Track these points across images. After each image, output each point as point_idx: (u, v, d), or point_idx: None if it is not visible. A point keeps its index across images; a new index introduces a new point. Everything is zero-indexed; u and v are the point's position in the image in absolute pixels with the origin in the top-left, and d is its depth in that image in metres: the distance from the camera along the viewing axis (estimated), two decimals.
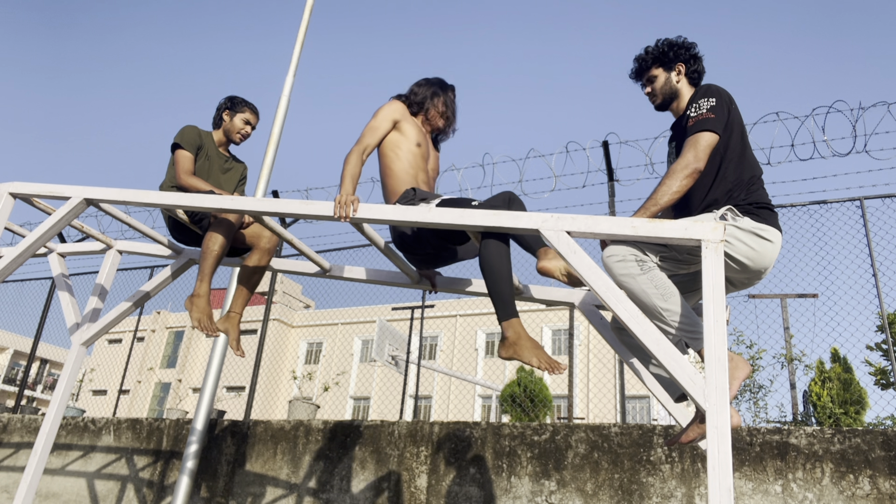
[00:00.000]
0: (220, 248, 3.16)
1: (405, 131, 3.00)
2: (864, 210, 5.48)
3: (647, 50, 2.77)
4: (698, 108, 2.47)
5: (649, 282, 2.28)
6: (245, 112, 3.60)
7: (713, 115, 2.42)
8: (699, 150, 2.38)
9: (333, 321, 30.70)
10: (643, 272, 2.28)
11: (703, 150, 2.38)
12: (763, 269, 2.37)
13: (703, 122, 2.42)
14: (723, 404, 1.92)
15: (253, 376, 6.66)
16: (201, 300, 3.16)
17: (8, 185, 3.34)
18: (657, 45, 2.76)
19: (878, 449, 3.80)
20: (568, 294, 3.20)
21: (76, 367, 3.79)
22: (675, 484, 4.07)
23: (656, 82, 2.74)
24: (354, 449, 5.01)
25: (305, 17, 5.73)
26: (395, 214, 2.59)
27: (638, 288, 2.27)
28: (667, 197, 2.34)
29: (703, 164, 2.38)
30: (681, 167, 2.37)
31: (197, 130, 3.51)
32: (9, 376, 33.37)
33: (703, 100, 2.49)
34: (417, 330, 19.54)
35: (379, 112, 3.01)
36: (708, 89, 2.53)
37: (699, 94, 2.53)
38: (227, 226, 3.21)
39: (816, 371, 6.94)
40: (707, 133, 2.40)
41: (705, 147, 2.39)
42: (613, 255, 2.32)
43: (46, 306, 8.74)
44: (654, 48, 2.76)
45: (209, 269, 3.15)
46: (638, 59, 2.80)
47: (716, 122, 2.41)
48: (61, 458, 6.21)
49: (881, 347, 8.69)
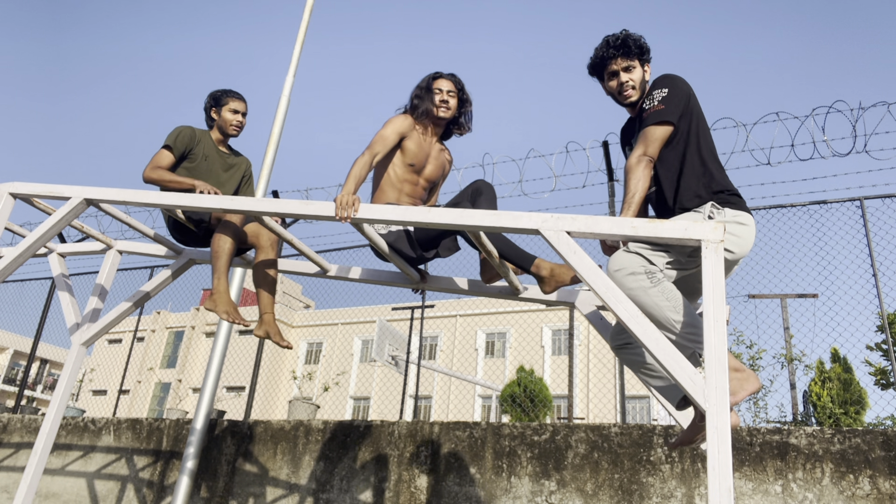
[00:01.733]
0: (229, 246, 3.20)
1: (405, 149, 3.09)
2: (864, 210, 5.48)
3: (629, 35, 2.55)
4: (651, 101, 2.45)
5: (661, 294, 2.25)
6: (230, 101, 3.53)
7: (663, 106, 2.40)
8: (649, 141, 2.39)
9: (333, 321, 30.69)
10: (653, 285, 2.26)
11: (655, 141, 2.39)
12: (743, 255, 2.39)
13: (654, 114, 2.41)
14: (723, 404, 1.92)
15: (253, 376, 6.66)
16: (222, 296, 3.19)
17: (8, 185, 3.34)
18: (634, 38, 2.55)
19: (878, 449, 3.80)
20: (568, 294, 3.20)
21: (76, 367, 3.79)
22: (675, 484, 4.07)
23: (635, 72, 2.55)
24: (354, 449, 5.01)
25: (305, 17, 5.73)
26: (395, 215, 2.60)
27: (651, 302, 2.24)
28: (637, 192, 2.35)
29: (654, 152, 2.39)
30: (634, 161, 2.39)
31: (191, 131, 3.45)
32: (9, 376, 33.37)
33: (656, 91, 2.46)
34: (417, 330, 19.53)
35: (388, 123, 3.08)
36: (662, 79, 2.49)
37: (653, 86, 2.49)
38: (232, 227, 3.23)
39: (816, 371, 6.94)
40: (659, 127, 2.40)
41: (657, 139, 2.39)
42: (623, 269, 2.28)
43: (46, 306, 8.74)
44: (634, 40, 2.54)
45: (223, 266, 3.18)
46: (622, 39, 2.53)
47: (667, 112, 2.40)
48: (61, 458, 6.21)
49: (881, 347, 8.69)
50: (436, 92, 3.12)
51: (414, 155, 3.09)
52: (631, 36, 2.54)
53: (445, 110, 3.13)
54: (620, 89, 2.56)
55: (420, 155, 3.10)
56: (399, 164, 3.09)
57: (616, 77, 2.56)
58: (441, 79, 3.16)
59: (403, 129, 3.09)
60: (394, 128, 3.08)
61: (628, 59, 2.53)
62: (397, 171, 3.09)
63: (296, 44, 5.60)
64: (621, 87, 2.55)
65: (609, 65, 2.56)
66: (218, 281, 3.17)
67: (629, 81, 2.53)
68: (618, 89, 2.57)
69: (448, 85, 3.15)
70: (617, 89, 2.57)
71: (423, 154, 3.11)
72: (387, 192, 3.07)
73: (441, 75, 3.18)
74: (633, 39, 2.53)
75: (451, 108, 3.14)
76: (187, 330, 32.19)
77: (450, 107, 3.14)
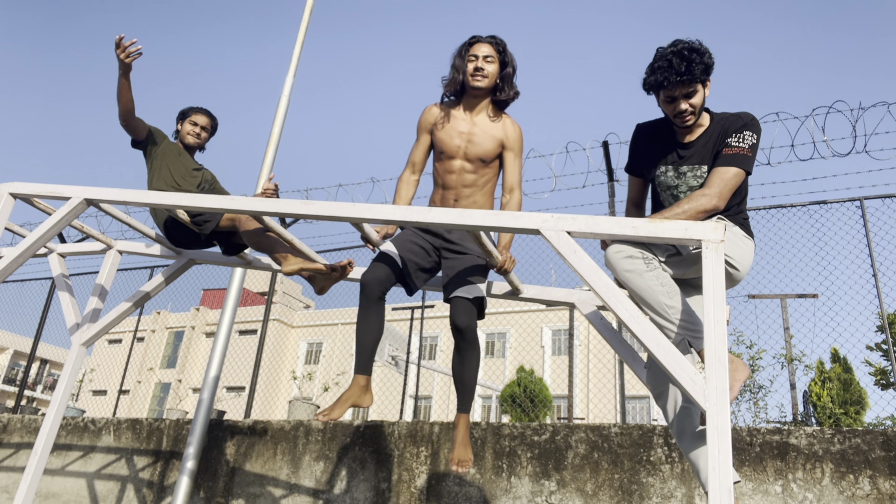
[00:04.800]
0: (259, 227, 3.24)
1: (435, 139, 2.94)
2: (864, 210, 5.49)
3: (692, 57, 2.25)
4: (742, 140, 2.27)
5: (655, 279, 2.25)
6: (192, 115, 3.71)
7: (751, 155, 2.27)
8: (725, 187, 2.25)
9: (333, 321, 30.68)
10: (649, 269, 2.27)
11: (729, 188, 2.26)
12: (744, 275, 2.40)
13: (742, 158, 2.26)
14: (723, 404, 1.92)
15: (253, 376, 6.66)
16: (290, 257, 3.16)
17: (8, 185, 3.34)
18: (700, 53, 2.27)
19: (878, 449, 3.80)
20: (568, 294, 3.20)
21: (76, 367, 3.79)
22: (675, 484, 4.07)
23: (696, 98, 2.32)
24: (354, 449, 5.01)
25: (305, 17, 5.73)
26: (395, 214, 2.59)
27: (644, 284, 2.25)
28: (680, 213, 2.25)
29: (724, 203, 2.26)
30: (706, 204, 2.24)
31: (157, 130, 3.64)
32: (9, 376, 33.36)
33: (747, 133, 2.29)
34: (417, 330, 19.53)
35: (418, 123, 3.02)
36: (753, 123, 2.32)
37: (744, 125, 2.30)
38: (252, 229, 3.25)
39: (816, 371, 6.94)
40: (741, 171, 2.27)
41: (733, 186, 2.26)
42: (621, 252, 2.30)
43: (46, 306, 8.74)
44: (700, 57, 2.26)
45: (273, 241, 3.20)
46: (688, 63, 2.24)
47: (750, 163, 2.28)
48: (61, 458, 6.21)
49: (881, 347, 8.69)
50: (469, 59, 2.84)
51: (442, 142, 2.88)
52: (697, 54, 2.26)
53: (481, 78, 2.82)
54: (680, 115, 2.34)
55: (449, 142, 2.87)
56: (435, 157, 2.95)
57: (675, 103, 2.33)
58: (477, 43, 2.86)
59: (427, 122, 2.95)
60: (420, 127, 2.97)
61: (692, 84, 2.28)
62: (436, 166, 2.93)
63: (296, 44, 5.60)
64: (681, 114, 2.34)
65: (670, 90, 2.31)
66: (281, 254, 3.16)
67: (688, 108, 2.32)
68: (674, 112, 2.35)
69: (486, 49, 2.84)
70: (673, 112, 2.35)
71: (455, 138, 2.86)
72: (434, 190, 2.95)
73: (479, 39, 2.87)
74: (697, 63, 2.25)
75: (488, 76, 2.82)
76: (187, 330, 32.19)
77: (486, 73, 2.82)
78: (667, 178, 2.47)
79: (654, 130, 2.52)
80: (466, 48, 2.88)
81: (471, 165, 2.87)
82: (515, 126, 2.93)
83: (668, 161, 2.45)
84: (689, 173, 2.41)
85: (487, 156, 2.87)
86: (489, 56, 2.84)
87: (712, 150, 2.35)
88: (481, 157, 2.87)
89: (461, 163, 2.87)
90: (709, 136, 2.38)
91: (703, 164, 2.38)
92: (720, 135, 2.34)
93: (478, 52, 2.84)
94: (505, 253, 2.83)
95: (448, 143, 2.87)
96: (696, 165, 2.40)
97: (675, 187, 2.46)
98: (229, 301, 5.09)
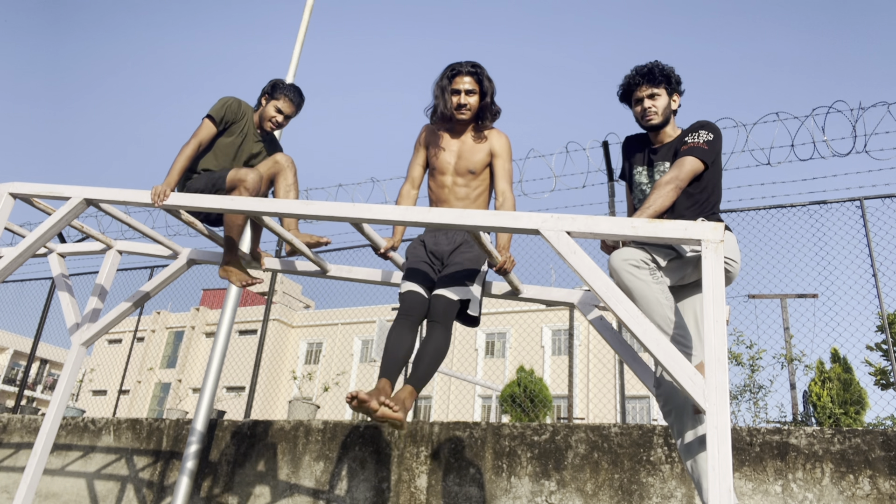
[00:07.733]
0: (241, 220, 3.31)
1: (429, 159, 3.14)
2: (864, 210, 5.48)
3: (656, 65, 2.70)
4: (696, 137, 2.60)
5: (661, 292, 2.37)
6: (280, 99, 3.42)
7: (706, 148, 2.56)
8: (683, 170, 2.53)
9: (333, 321, 30.68)
10: (656, 281, 2.37)
11: (688, 172, 2.53)
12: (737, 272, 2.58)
13: (696, 149, 2.56)
14: (723, 404, 1.93)
15: (253, 376, 6.66)
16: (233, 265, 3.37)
17: (8, 185, 3.34)
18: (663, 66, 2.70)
19: (878, 449, 3.80)
20: (568, 294, 3.20)
21: (76, 367, 3.79)
22: (675, 484, 4.07)
23: (659, 100, 2.70)
24: (354, 449, 5.01)
25: (305, 17, 5.73)
26: (398, 215, 2.60)
27: (652, 297, 2.35)
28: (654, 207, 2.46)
29: (685, 183, 2.53)
30: (665, 181, 2.51)
31: (237, 104, 3.37)
32: (9, 376, 33.35)
33: (703, 131, 2.61)
34: None
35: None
36: (709, 124, 2.65)
37: (700, 126, 2.65)
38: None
39: (816, 371, 6.94)
40: (696, 160, 2.55)
41: (690, 171, 2.53)
42: (629, 259, 2.38)
43: (46, 306, 8.74)
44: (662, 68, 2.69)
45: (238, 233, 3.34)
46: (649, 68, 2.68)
47: (706, 154, 2.56)
48: (61, 458, 6.21)
49: (881, 347, 8.69)
50: (453, 93, 2.96)
51: (434, 160, 3.09)
52: (658, 65, 2.70)
53: (466, 112, 2.97)
54: (644, 113, 2.70)
55: (440, 160, 3.04)
56: (429, 175, 3.14)
57: (641, 103, 2.72)
58: (458, 76, 2.96)
59: (422, 141, 3.15)
60: (416, 143, 3.17)
61: (653, 86, 2.69)
62: (429, 184, 3.12)
63: (296, 44, 5.60)
64: (644, 112, 2.70)
65: (635, 91, 2.72)
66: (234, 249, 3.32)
67: (652, 107, 2.69)
68: (641, 113, 2.72)
69: (468, 82, 2.95)
70: (640, 113, 2.72)
71: (445, 154, 3.03)
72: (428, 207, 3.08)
73: (459, 72, 2.96)
74: (659, 69, 2.69)
75: (472, 108, 2.97)
76: (187, 330, 32.19)
77: (470, 107, 2.97)
78: (641, 177, 2.80)
79: (637, 140, 2.87)
80: (448, 80, 2.99)
81: (462, 179, 3.04)
82: (501, 135, 3.09)
83: (642, 163, 2.80)
84: (655, 171, 2.74)
85: (477, 167, 3.03)
86: (471, 90, 2.97)
87: (675, 151, 2.67)
88: (471, 170, 3.03)
89: (452, 178, 3.05)
90: (674, 142, 2.74)
91: (665, 160, 2.71)
92: (680, 138, 2.68)
93: (459, 86, 2.96)
94: (504, 253, 2.85)
95: (439, 161, 3.06)
96: (661, 162, 2.73)
97: (645, 184, 2.78)
98: (229, 301, 5.09)
